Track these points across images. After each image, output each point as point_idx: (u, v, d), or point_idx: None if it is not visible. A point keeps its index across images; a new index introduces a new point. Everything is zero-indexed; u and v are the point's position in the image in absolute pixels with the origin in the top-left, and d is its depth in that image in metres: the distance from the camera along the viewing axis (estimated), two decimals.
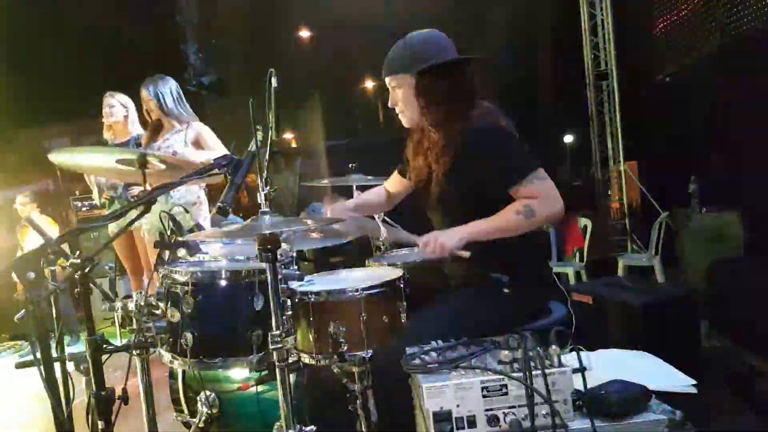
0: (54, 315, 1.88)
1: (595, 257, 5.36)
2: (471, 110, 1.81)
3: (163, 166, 1.93)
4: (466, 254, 1.70)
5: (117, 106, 3.82)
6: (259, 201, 1.70)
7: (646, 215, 5.64)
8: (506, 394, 1.28)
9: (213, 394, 2.19)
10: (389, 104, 1.93)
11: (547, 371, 1.27)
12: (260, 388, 2.14)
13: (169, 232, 1.95)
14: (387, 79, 1.90)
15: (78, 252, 1.66)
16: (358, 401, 2.01)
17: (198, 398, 2.19)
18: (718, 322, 2.88)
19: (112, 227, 3.63)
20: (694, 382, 1.50)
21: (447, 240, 1.70)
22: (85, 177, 4.15)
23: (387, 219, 2.84)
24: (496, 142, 1.76)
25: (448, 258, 1.72)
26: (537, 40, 6.58)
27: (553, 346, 1.33)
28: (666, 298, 2.84)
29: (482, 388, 1.28)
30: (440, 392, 1.28)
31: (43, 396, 1.41)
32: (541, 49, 6.56)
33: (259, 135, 1.72)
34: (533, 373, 1.28)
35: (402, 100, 1.87)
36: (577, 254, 5.24)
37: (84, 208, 5.83)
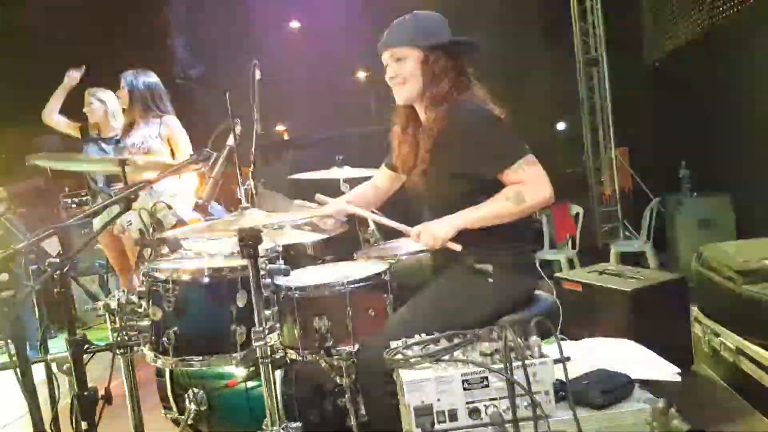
0: (37, 315, 1.86)
1: (587, 244, 5.37)
2: (465, 92, 1.82)
3: (140, 162, 1.90)
4: (458, 247, 1.70)
5: (95, 104, 3.88)
6: (251, 194, 1.69)
7: (637, 202, 5.64)
8: (487, 386, 1.27)
9: (201, 391, 2.17)
10: (388, 76, 1.88)
11: (527, 362, 1.26)
12: (249, 384, 2.13)
13: (150, 230, 1.93)
14: (392, 50, 1.85)
15: (58, 251, 1.64)
16: (346, 395, 2.00)
17: (186, 395, 2.18)
18: (707, 306, 2.88)
19: (97, 223, 3.61)
20: (678, 370, 1.50)
21: (438, 230, 1.70)
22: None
23: (375, 211, 2.82)
24: (487, 125, 1.75)
25: (440, 248, 1.71)
26: (526, 26, 6.52)
27: (534, 337, 1.32)
28: (656, 284, 2.83)
29: (463, 381, 1.27)
30: (421, 386, 1.27)
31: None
32: (530, 35, 6.51)
33: (238, 128, 1.70)
34: (514, 364, 1.27)
35: (408, 73, 1.84)
36: (570, 241, 5.24)
37: (74, 205, 5.79)
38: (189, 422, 2.18)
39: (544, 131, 6.91)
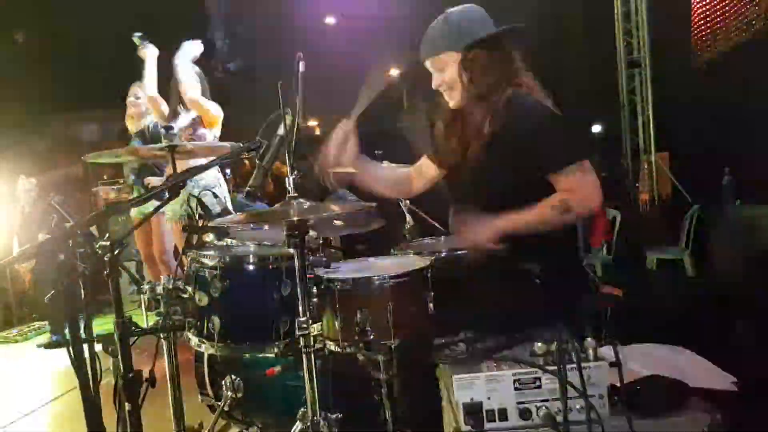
0: (83, 296, 1.89)
1: (623, 250, 5.26)
2: (512, 86, 1.76)
3: (190, 147, 1.92)
4: (500, 249, 1.66)
5: (142, 97, 3.99)
6: (286, 186, 1.68)
7: (676, 208, 5.50)
8: (539, 387, 1.25)
9: (238, 379, 2.19)
10: (434, 85, 1.85)
11: (582, 365, 1.23)
12: (286, 373, 2.13)
13: (197, 216, 1.94)
14: (432, 59, 1.82)
15: (107, 235, 1.66)
16: (383, 390, 1.98)
17: (223, 382, 2.20)
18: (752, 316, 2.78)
19: (134, 213, 3.71)
20: (734, 379, 1.44)
21: (481, 233, 1.67)
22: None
23: (414, 209, 2.80)
24: (542, 123, 1.70)
25: (481, 250, 1.68)
26: (568, 25, 6.42)
27: (589, 339, 1.29)
28: (700, 292, 2.75)
29: (514, 381, 1.25)
30: (471, 384, 1.25)
31: (70, 374, 1.43)
32: (571, 35, 6.41)
33: (288, 119, 1.70)
34: (568, 366, 1.24)
35: (451, 79, 1.81)
36: (605, 246, 5.13)
37: (111, 193, 5.91)
38: (225, 409, 2.19)
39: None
